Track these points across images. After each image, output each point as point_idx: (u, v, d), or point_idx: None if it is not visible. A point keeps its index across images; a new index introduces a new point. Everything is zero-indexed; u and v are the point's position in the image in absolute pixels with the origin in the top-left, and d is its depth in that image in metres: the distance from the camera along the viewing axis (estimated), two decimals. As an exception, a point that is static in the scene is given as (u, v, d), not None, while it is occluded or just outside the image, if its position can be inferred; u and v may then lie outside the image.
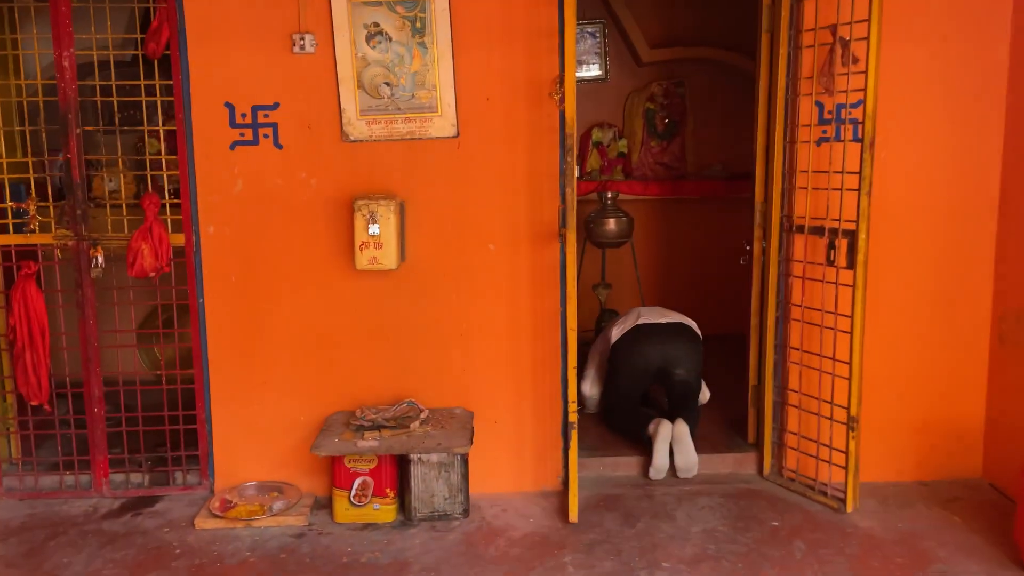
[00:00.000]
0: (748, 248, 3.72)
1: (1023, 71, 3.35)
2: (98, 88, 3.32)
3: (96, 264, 3.31)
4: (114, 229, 3.43)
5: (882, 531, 3.15)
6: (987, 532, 3.11)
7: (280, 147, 3.33)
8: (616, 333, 3.94)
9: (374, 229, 3.20)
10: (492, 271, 3.47)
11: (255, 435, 3.49)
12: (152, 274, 3.32)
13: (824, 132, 3.39)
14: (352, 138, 3.34)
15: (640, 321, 3.92)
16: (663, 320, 3.94)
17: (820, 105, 3.36)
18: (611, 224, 4.92)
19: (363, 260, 3.24)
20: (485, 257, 3.46)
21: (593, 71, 5.65)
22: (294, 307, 3.42)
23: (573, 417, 3.21)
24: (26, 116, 3.53)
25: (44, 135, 3.37)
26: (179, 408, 3.45)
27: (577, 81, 5.64)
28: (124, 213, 3.41)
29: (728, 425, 4.03)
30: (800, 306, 3.41)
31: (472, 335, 3.49)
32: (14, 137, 3.55)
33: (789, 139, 3.44)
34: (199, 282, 3.39)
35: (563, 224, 3.23)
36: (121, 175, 3.71)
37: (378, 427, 3.27)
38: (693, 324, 3.97)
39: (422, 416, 3.35)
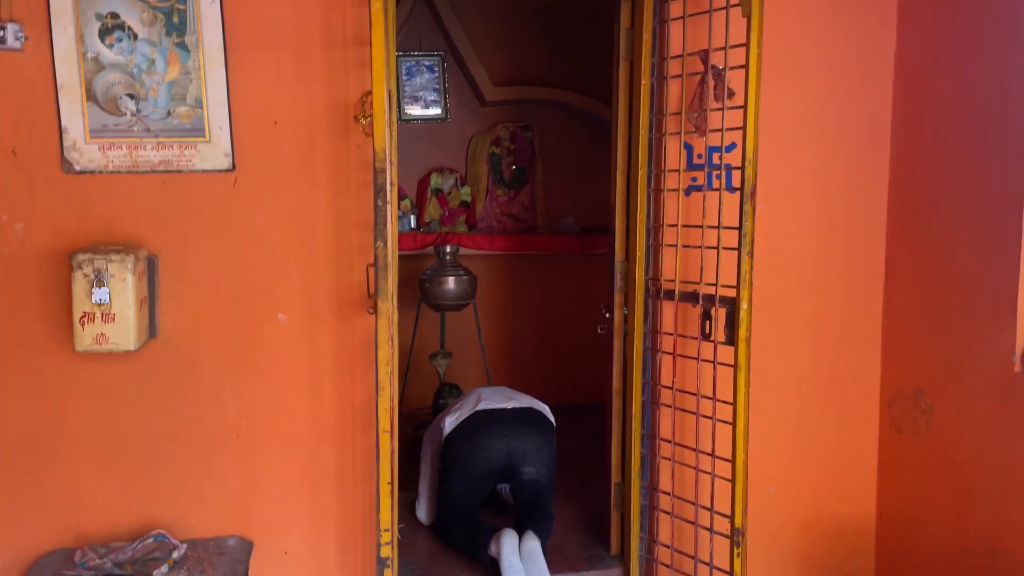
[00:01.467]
0: (607, 315, 3.08)
1: (907, 117, 2.96)
2: None
3: None
4: None
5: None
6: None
7: (-33, 178, 2.35)
8: (450, 423, 3.15)
9: (101, 295, 2.27)
10: (283, 351, 2.62)
11: (-78, 593, 2.40)
12: None
13: (694, 179, 2.82)
14: (79, 168, 2.42)
15: (479, 407, 3.15)
16: (508, 405, 3.19)
17: (689, 148, 2.80)
18: (450, 283, 4.18)
19: (86, 339, 2.29)
20: (273, 332, 2.61)
21: (432, 110, 4.97)
22: (-15, 408, 2.40)
23: (387, 551, 2.37)
24: None
25: None
26: None
27: (414, 120, 4.99)
28: None
29: (586, 528, 3.33)
30: (671, 388, 2.78)
31: (255, 438, 2.61)
32: None
33: (654, 187, 2.85)
34: None
35: (375, 290, 2.44)
36: None
37: (104, 578, 2.28)
38: (545, 409, 3.27)
39: (175, 555, 2.39)
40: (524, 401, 3.30)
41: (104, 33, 2.38)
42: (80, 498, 2.49)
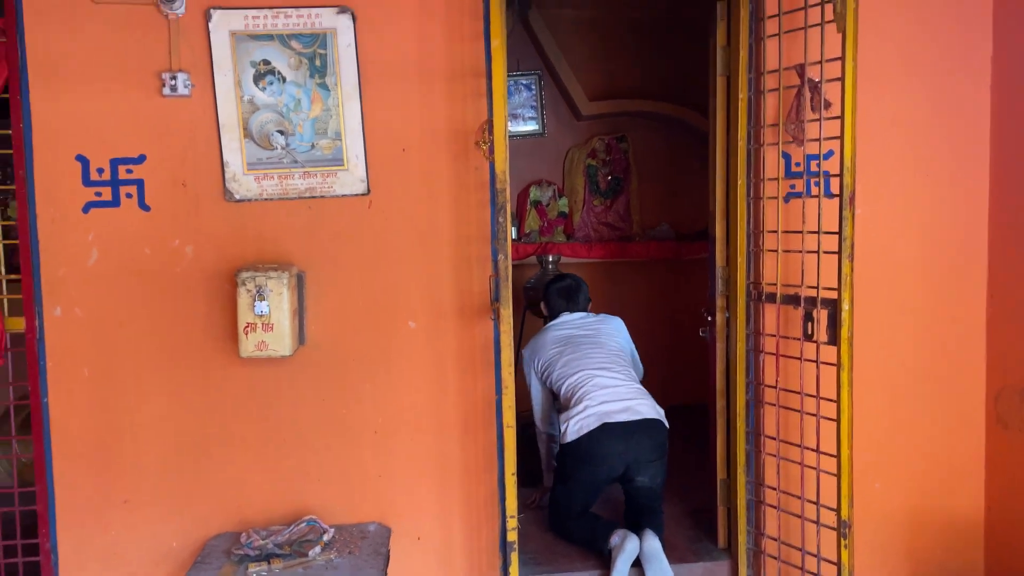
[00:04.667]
0: (709, 319, 3.23)
1: (1006, 117, 3.00)
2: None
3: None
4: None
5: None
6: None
7: (147, 208, 2.72)
8: (573, 430, 3.26)
9: (262, 307, 2.59)
10: (413, 353, 2.89)
11: (114, 567, 2.77)
12: (-20, 368, 2.64)
13: (793, 187, 2.95)
14: (238, 197, 2.76)
15: (605, 419, 3.24)
16: (632, 418, 3.26)
17: (787, 156, 2.94)
18: (553, 291, 4.39)
19: (249, 346, 2.62)
20: (404, 336, 2.88)
21: (530, 126, 5.21)
22: (164, 405, 2.77)
23: (513, 535, 2.61)
24: None
25: None
26: (17, 536, 2.72)
27: (513, 136, 5.25)
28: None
29: (693, 522, 3.48)
30: (775, 387, 2.91)
31: (389, 432, 2.89)
32: None
33: (753, 195, 2.99)
34: (42, 377, 2.70)
35: (496, 297, 2.69)
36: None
37: (267, 556, 2.59)
38: (662, 414, 3.36)
39: (325, 538, 2.69)
40: (645, 409, 3.29)
41: (258, 78, 2.72)
42: (242, 487, 2.82)
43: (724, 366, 3.17)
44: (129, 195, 2.70)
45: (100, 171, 2.68)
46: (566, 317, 3.72)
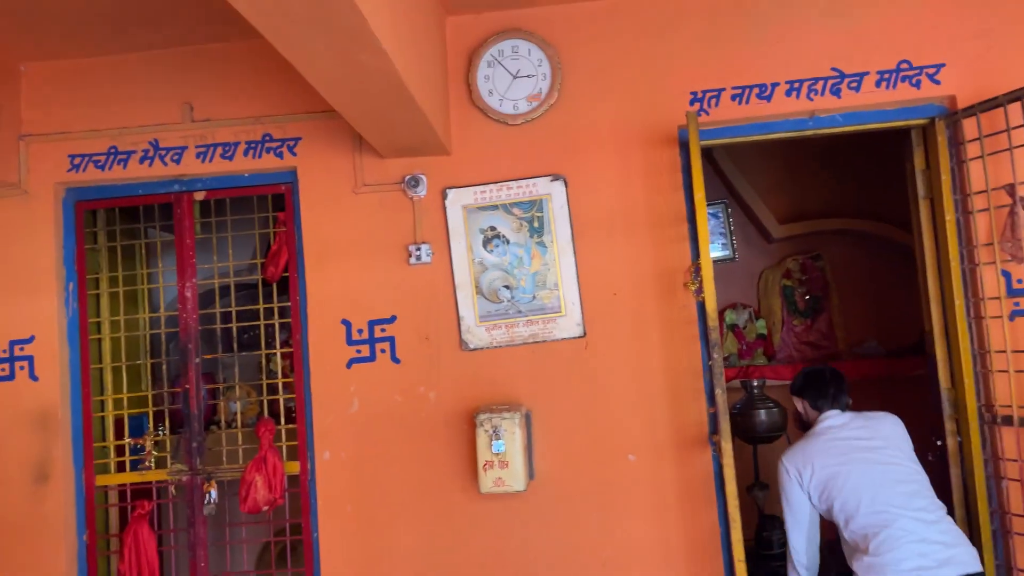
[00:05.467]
0: (939, 443, 3.11)
1: None
2: (219, 315, 3.30)
3: (209, 500, 3.11)
4: (229, 460, 3.26)
5: None
6: None
7: (398, 361, 3.14)
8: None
9: (498, 446, 2.86)
10: (634, 485, 3.03)
11: None
12: (265, 507, 3.08)
13: (1017, 304, 2.87)
14: (472, 346, 3.11)
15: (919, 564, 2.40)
16: (953, 573, 2.41)
17: (1007, 275, 2.88)
18: (762, 416, 4.37)
19: (488, 482, 2.88)
20: (625, 469, 3.04)
21: (719, 251, 5.36)
22: (414, 538, 3.06)
23: (751, 673, 2.57)
24: (147, 348, 3.51)
25: (166, 367, 3.34)
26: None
27: (707, 264, 5.42)
28: (239, 442, 3.24)
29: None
30: (1023, 517, 2.73)
31: (616, 564, 3.00)
32: (138, 370, 3.53)
33: (973, 315, 2.93)
34: (313, 514, 3.11)
35: (714, 430, 2.80)
36: (243, 396, 3.61)
37: None
38: (976, 558, 2.50)
39: (563, 670, 2.81)
40: (964, 556, 2.44)
41: (486, 242, 3.12)
42: (482, 615, 3.02)
43: (962, 494, 3.02)
44: (383, 350, 3.13)
45: (360, 331, 3.15)
46: (836, 418, 2.77)
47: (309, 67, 2.24)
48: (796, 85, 3.04)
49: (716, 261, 5.35)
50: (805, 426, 2.91)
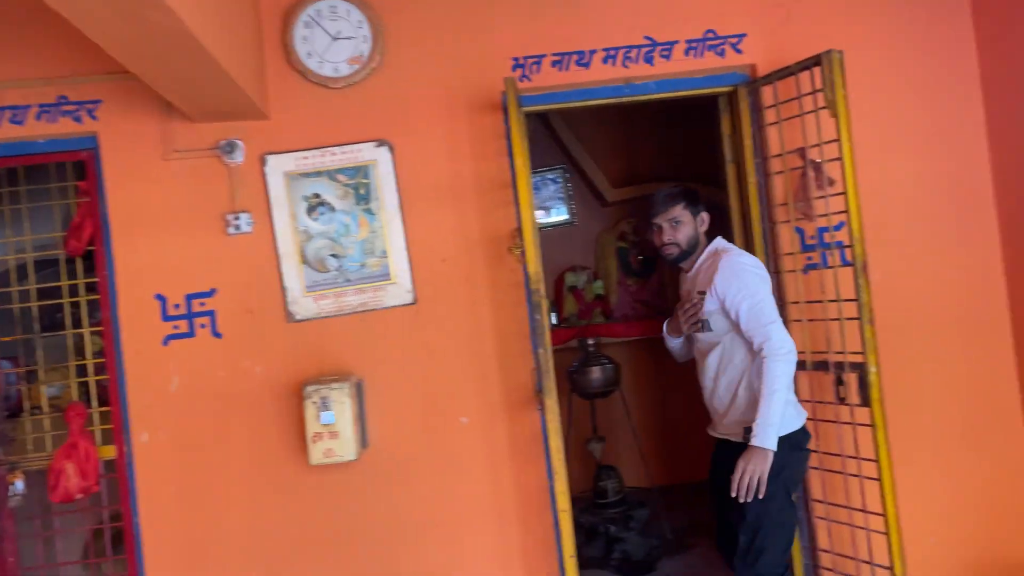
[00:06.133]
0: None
1: (1004, 177, 3.17)
2: (16, 294, 3.04)
3: (13, 492, 2.89)
4: (37, 448, 3.03)
5: None
6: None
7: (219, 336, 3.01)
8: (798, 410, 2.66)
9: (328, 417, 2.83)
10: (467, 447, 3.08)
11: (206, 674, 2.96)
12: (80, 496, 2.90)
13: (809, 258, 3.13)
14: (299, 317, 3.04)
15: None
16: None
17: (800, 231, 3.13)
18: (596, 372, 4.56)
19: (317, 453, 2.85)
20: (458, 432, 3.08)
21: (560, 215, 5.50)
22: (243, 517, 2.99)
23: (576, 616, 2.72)
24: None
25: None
26: (115, 651, 2.93)
27: (545, 226, 5.54)
28: (47, 428, 3.02)
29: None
30: (816, 451, 3.02)
31: (450, 524, 3.06)
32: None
33: (773, 270, 3.17)
34: (133, 499, 2.96)
35: (539, 388, 2.89)
36: (59, 380, 3.35)
37: (348, 654, 2.76)
38: None
39: (400, 632, 2.85)
40: None
41: (310, 210, 3.04)
42: (319, 586, 3.00)
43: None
44: (203, 325, 3.00)
45: (176, 306, 3.00)
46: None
47: (93, 26, 2.08)
48: (612, 53, 3.13)
49: (556, 225, 5.49)
50: (693, 244, 2.77)
